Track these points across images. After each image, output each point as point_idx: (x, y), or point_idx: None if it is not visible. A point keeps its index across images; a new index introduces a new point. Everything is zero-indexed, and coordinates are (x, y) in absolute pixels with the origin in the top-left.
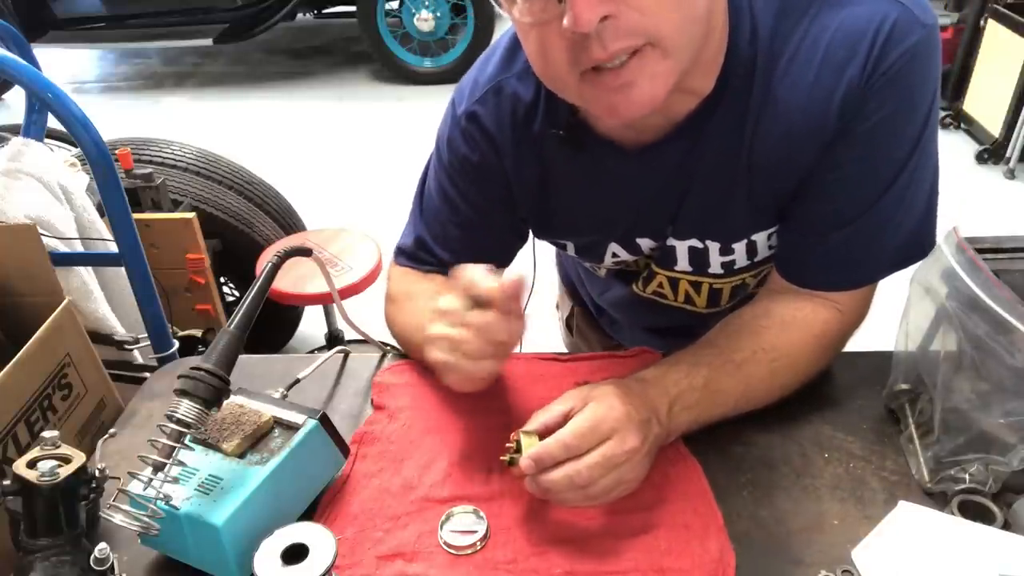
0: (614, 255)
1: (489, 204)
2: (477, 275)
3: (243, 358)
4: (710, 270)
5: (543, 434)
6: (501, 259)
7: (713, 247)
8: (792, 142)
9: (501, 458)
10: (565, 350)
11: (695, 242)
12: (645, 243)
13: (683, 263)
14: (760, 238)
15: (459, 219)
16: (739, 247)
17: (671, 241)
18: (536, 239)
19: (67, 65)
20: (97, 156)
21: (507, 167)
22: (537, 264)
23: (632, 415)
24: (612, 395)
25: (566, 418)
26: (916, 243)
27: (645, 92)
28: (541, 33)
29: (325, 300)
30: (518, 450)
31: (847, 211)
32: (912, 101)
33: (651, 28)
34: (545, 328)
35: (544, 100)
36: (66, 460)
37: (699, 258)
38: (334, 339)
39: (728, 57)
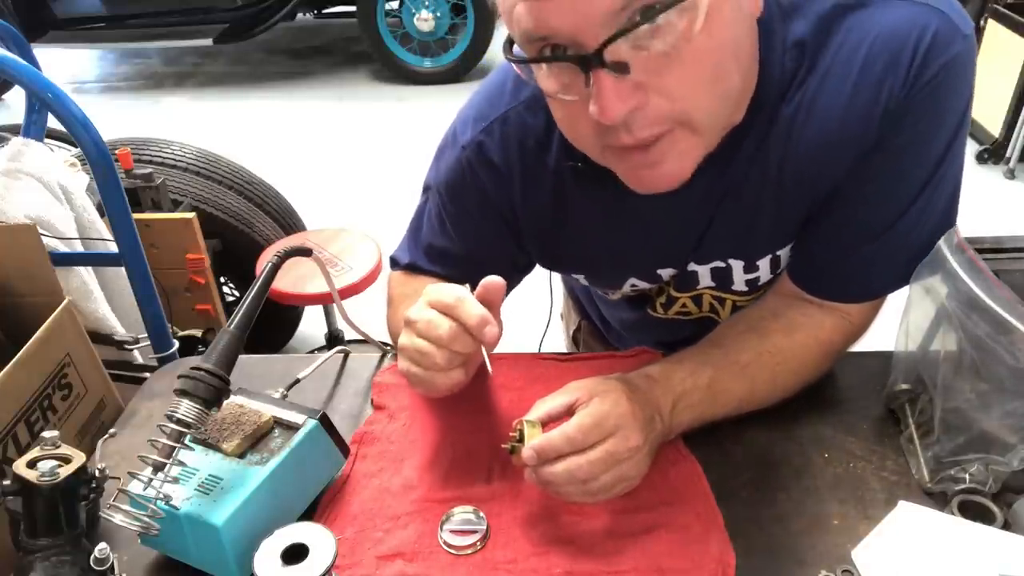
0: (633, 285)
1: (487, 239)
2: (445, 290)
3: (243, 358)
4: (733, 287)
5: (546, 424)
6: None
7: (737, 265)
8: (829, 153)
9: (503, 446)
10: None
11: (718, 263)
12: (666, 272)
13: (706, 281)
14: (784, 252)
15: (455, 251)
16: (763, 263)
17: (692, 267)
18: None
19: (67, 65)
20: (97, 156)
21: (514, 199)
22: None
23: (636, 413)
24: (617, 391)
25: (569, 409)
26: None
27: (673, 169)
28: (566, 106)
29: (325, 300)
30: (520, 439)
31: (871, 226)
32: (946, 114)
33: (680, 113)
34: (544, 331)
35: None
36: (66, 460)
37: (722, 275)
38: (334, 339)
39: (761, 84)
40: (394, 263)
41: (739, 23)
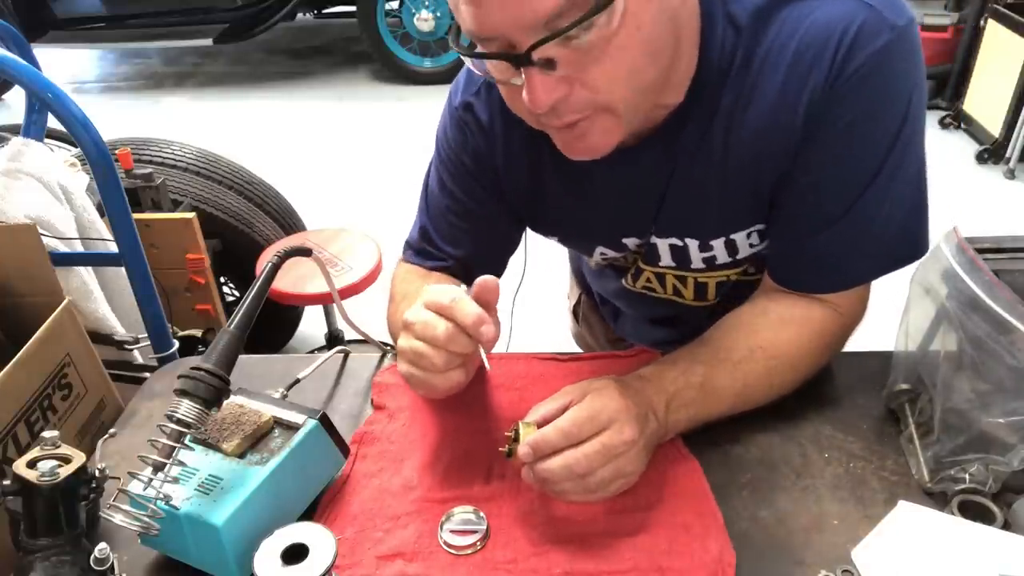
0: (602, 253)
1: (485, 193)
2: (441, 291)
3: (243, 358)
4: (692, 266)
5: (542, 425)
6: (504, 247)
7: (692, 244)
8: (764, 139)
9: (500, 449)
10: (570, 342)
11: (675, 240)
12: (630, 241)
13: (666, 259)
14: (739, 237)
15: (459, 209)
16: (718, 244)
17: (653, 239)
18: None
19: (67, 65)
20: (97, 156)
21: (498, 158)
22: (528, 259)
23: (630, 407)
24: (610, 388)
25: (565, 411)
26: (905, 244)
27: (598, 143)
28: (508, 87)
29: (325, 300)
30: (516, 440)
31: (825, 214)
32: (885, 103)
33: (601, 102)
34: (545, 323)
35: None
36: (66, 460)
37: (680, 254)
38: (334, 339)
39: (700, 67)
40: (406, 246)
41: (659, 24)
